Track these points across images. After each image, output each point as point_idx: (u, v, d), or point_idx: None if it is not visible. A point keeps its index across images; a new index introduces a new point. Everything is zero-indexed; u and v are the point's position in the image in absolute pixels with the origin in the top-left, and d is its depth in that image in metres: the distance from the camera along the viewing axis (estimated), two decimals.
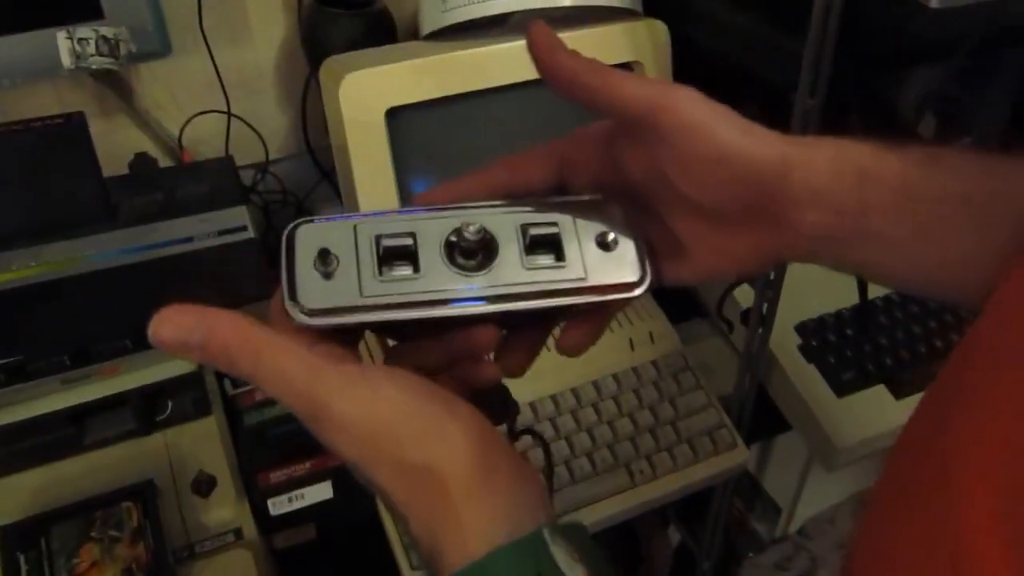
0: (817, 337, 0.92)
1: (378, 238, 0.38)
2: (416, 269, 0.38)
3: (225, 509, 0.73)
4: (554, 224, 0.40)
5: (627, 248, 0.40)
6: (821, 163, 0.39)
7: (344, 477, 0.74)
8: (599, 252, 0.40)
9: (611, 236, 0.40)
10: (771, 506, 1.13)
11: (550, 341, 0.43)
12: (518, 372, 0.42)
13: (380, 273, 0.37)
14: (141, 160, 0.83)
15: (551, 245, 0.40)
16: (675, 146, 0.38)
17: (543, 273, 0.39)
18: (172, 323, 0.34)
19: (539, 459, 0.78)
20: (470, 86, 0.72)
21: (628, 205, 0.42)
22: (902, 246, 0.40)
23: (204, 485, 0.74)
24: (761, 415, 0.94)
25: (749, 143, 0.38)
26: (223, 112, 0.93)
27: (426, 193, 0.43)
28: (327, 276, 0.37)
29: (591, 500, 0.81)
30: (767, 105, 0.71)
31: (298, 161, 1.03)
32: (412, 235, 0.39)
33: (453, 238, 0.39)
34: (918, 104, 0.82)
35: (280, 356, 0.34)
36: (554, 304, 0.39)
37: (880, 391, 0.89)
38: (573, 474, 0.82)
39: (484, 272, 0.39)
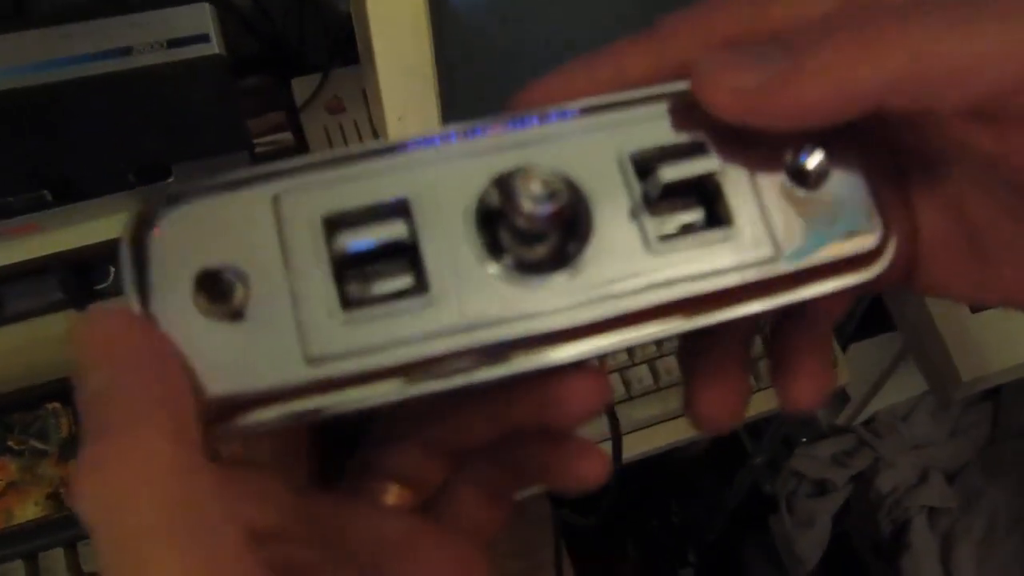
0: None
1: (329, 223, 0.19)
2: (421, 282, 0.19)
3: None
4: (700, 146, 0.20)
5: (847, 181, 0.21)
6: None
7: None
8: (797, 194, 0.20)
9: (814, 156, 0.20)
10: (838, 392, 0.98)
11: None
12: (719, 426, 0.24)
13: (345, 302, 0.18)
14: None
15: (700, 192, 0.21)
16: None
17: (691, 257, 0.20)
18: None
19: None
20: None
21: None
22: None
23: None
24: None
25: None
26: None
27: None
28: (226, 320, 0.18)
29: (648, 422, 0.65)
30: None
31: None
32: (404, 204, 0.19)
33: (493, 201, 0.19)
34: None
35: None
36: (721, 319, 0.20)
37: None
38: (629, 387, 0.65)
39: (567, 270, 0.19)
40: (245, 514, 0.19)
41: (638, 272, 0.20)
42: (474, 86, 0.55)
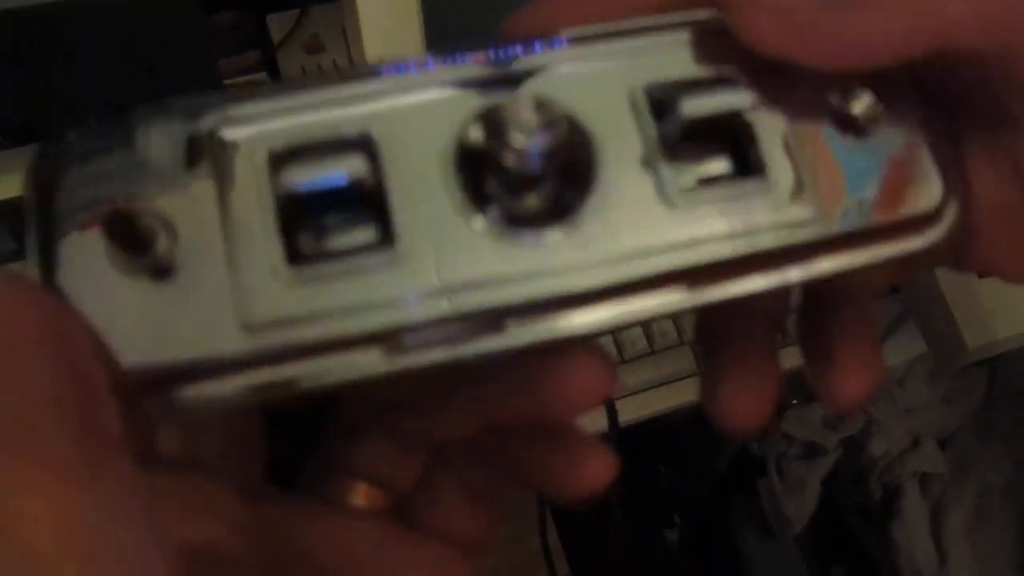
0: None
1: (275, 158, 0.16)
2: (387, 234, 0.16)
3: None
4: (728, 80, 0.17)
5: (901, 129, 0.18)
6: None
7: None
8: (842, 144, 0.18)
9: (863, 99, 0.17)
10: None
11: None
12: (744, 427, 0.21)
13: (294, 257, 0.16)
14: None
15: (727, 137, 0.18)
16: None
17: (717, 212, 0.17)
18: None
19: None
20: None
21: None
22: None
23: None
24: None
25: None
26: None
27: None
28: (149, 277, 0.15)
29: (642, 386, 0.62)
30: None
31: None
32: (367, 139, 0.16)
33: (477, 139, 0.16)
34: None
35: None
36: (752, 290, 0.17)
37: None
38: (622, 351, 0.62)
39: (567, 226, 0.16)
40: (178, 531, 0.15)
41: (654, 229, 0.17)
42: (465, 25, 0.51)
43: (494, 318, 0.16)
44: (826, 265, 0.17)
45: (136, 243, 0.15)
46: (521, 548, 0.86)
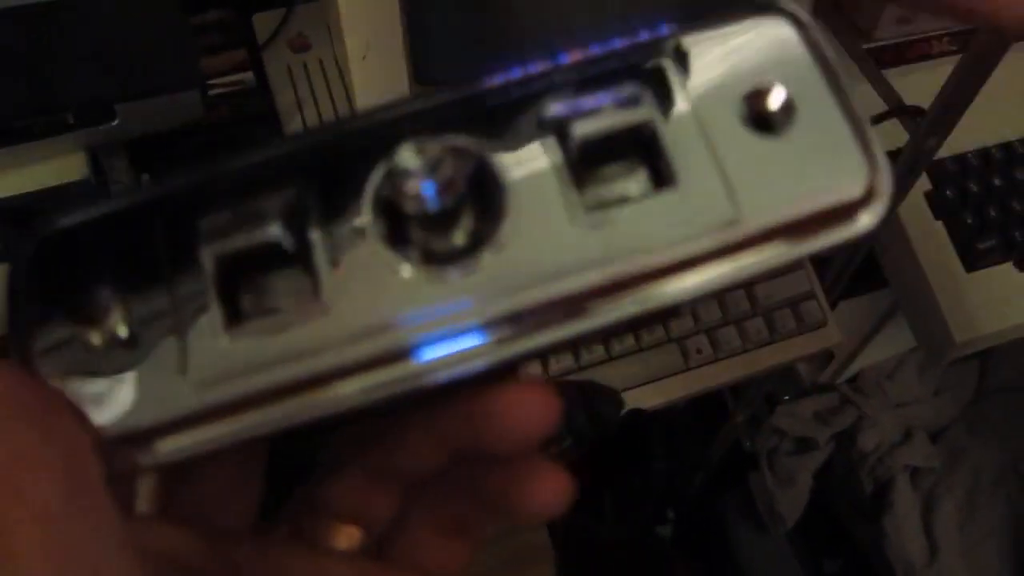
0: (954, 184, 0.68)
1: (210, 230, 0.17)
2: (315, 288, 0.17)
3: None
4: (630, 99, 0.17)
5: (819, 115, 0.17)
6: None
7: None
8: (757, 141, 0.17)
9: (777, 92, 0.17)
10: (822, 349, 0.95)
11: None
12: None
13: (235, 317, 0.17)
14: None
15: (639, 153, 0.17)
16: None
17: (629, 228, 0.17)
18: None
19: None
20: None
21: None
22: None
23: None
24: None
25: None
26: None
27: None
28: (112, 347, 0.16)
29: (628, 384, 0.62)
30: None
31: None
32: (290, 200, 0.17)
33: (387, 192, 0.17)
34: None
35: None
36: (673, 300, 0.17)
37: None
38: (609, 348, 0.62)
39: (482, 255, 0.17)
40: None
41: (565, 251, 0.17)
42: (445, 22, 0.50)
43: (415, 355, 0.16)
44: (752, 267, 0.17)
45: (94, 318, 0.16)
46: (514, 543, 0.86)
